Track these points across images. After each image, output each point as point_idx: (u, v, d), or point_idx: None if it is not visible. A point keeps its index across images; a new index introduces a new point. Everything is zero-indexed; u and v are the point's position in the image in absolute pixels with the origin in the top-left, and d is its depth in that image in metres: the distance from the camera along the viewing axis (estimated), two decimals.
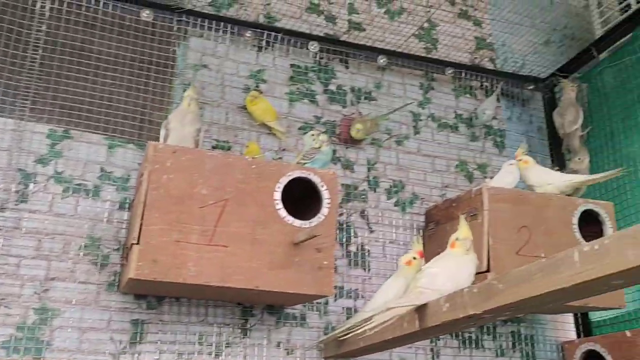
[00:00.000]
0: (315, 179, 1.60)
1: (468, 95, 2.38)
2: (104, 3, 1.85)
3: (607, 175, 1.89)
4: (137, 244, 1.39)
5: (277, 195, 1.55)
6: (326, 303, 1.86)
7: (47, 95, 1.75)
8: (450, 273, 1.32)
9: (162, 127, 1.65)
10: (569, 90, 2.27)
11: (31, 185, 1.65)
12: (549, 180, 1.87)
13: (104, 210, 1.70)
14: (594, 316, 2.11)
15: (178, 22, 1.95)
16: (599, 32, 2.43)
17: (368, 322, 1.39)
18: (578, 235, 1.82)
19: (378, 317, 1.36)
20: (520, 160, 1.95)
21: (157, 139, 1.68)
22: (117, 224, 1.70)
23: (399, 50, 2.25)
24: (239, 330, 1.73)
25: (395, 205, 2.09)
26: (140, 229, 1.40)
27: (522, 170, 1.94)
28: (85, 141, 1.75)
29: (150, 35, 1.93)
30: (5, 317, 1.52)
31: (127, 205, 1.72)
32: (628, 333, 1.67)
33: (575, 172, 1.97)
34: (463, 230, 1.37)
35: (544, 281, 0.97)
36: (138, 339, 1.62)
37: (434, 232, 1.98)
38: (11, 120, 1.69)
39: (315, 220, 1.56)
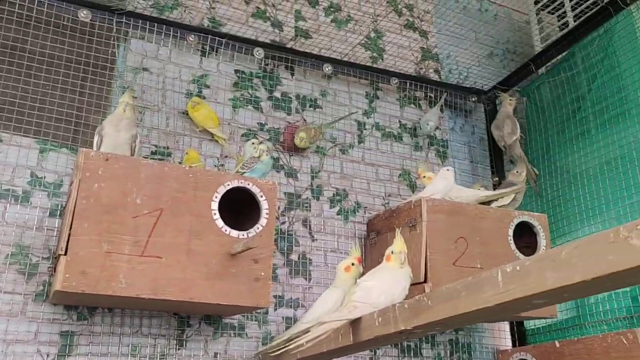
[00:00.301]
0: (255, 189, 1.58)
1: (413, 105, 2.41)
2: (39, 1, 1.78)
3: (508, 192, 1.97)
4: (65, 255, 1.34)
5: (214, 205, 1.53)
6: (266, 313, 1.84)
7: None
8: (385, 287, 1.33)
9: (96, 133, 1.59)
10: (506, 104, 2.33)
11: None
12: (452, 195, 1.90)
13: (34, 217, 1.63)
14: (529, 325, 2.17)
15: (118, 23, 1.89)
16: (538, 47, 2.51)
17: (304, 336, 1.38)
18: (513, 246, 1.87)
19: (313, 330, 1.36)
20: (424, 177, 1.99)
21: (93, 144, 1.62)
22: (47, 232, 1.63)
23: (345, 59, 2.26)
24: (175, 341, 1.69)
25: (338, 214, 2.09)
26: (68, 239, 1.35)
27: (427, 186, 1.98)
28: (15, 144, 1.68)
29: (89, 36, 1.86)
30: None
31: (58, 212, 1.66)
32: (557, 343, 1.72)
33: (513, 184, 2.02)
34: (398, 244, 1.39)
35: (469, 300, 0.98)
36: (67, 351, 1.56)
37: (376, 241, 1.99)
38: None
39: (253, 231, 1.54)
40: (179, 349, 1.69)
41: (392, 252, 1.38)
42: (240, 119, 2.05)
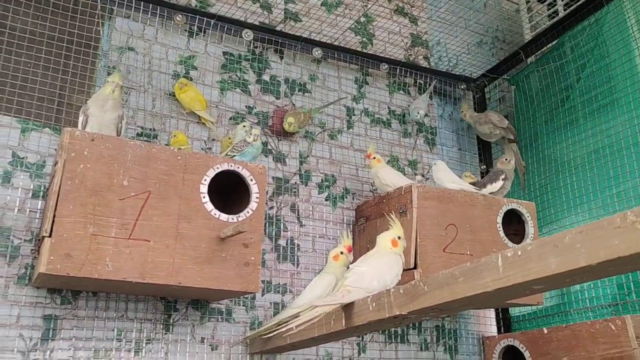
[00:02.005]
0: (245, 172, 1.55)
1: (402, 92, 2.40)
2: None
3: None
4: (49, 237, 1.30)
5: (204, 188, 1.50)
6: (253, 298, 1.82)
7: None
8: (378, 272, 1.31)
9: (81, 113, 1.55)
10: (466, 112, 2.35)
11: None
12: (396, 182, 1.89)
13: (15, 198, 1.58)
14: (514, 312, 2.18)
15: (103, 0, 1.84)
16: (528, 36, 2.50)
17: (294, 320, 1.36)
18: (502, 233, 1.87)
19: (304, 314, 1.34)
20: (374, 158, 1.97)
21: (76, 124, 1.58)
22: (30, 214, 1.59)
23: (335, 43, 2.23)
24: (162, 326, 1.66)
25: (327, 200, 2.07)
26: (52, 221, 1.30)
27: (373, 169, 1.97)
28: None
29: (72, 13, 1.80)
30: None
31: (41, 194, 1.61)
32: (545, 330, 1.73)
33: (502, 171, 2.02)
34: (400, 229, 1.38)
35: (468, 285, 0.97)
36: (50, 335, 1.52)
37: (364, 227, 1.98)
38: None
39: (243, 215, 1.52)
40: (165, 334, 1.66)
41: (398, 238, 1.37)
42: (228, 101, 2.01)
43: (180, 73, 1.94)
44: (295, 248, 1.96)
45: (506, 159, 2.06)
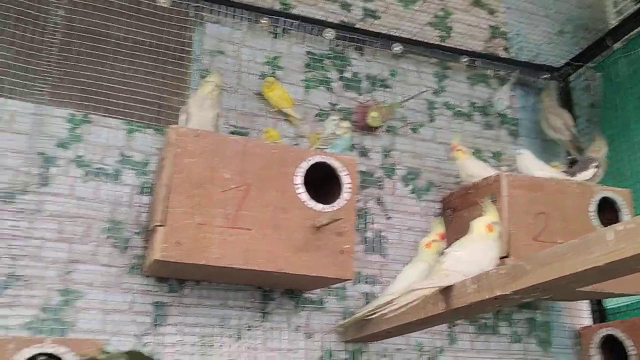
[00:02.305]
0: (336, 164, 1.61)
1: (482, 84, 2.38)
2: None
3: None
4: (162, 226, 1.39)
5: (298, 179, 1.56)
6: (343, 288, 1.87)
7: (66, 80, 1.75)
8: (474, 257, 1.33)
9: (182, 112, 1.65)
10: (546, 99, 2.30)
11: (52, 169, 1.65)
12: (482, 173, 1.87)
13: (124, 194, 1.71)
14: (609, 304, 2.12)
15: (195, 8, 1.95)
16: (612, 22, 2.43)
17: (391, 304, 1.40)
18: (596, 222, 1.83)
19: (402, 298, 1.37)
20: (459, 150, 1.96)
21: (174, 124, 1.68)
22: (137, 208, 1.71)
23: (414, 38, 2.25)
24: (259, 314, 1.74)
25: (412, 193, 2.09)
26: (165, 212, 1.40)
27: (459, 160, 1.95)
28: (105, 125, 1.76)
29: (167, 21, 1.93)
30: (30, 299, 1.52)
31: (146, 190, 1.73)
32: None
33: (593, 159, 1.97)
34: (495, 214, 1.39)
35: (576, 261, 0.98)
36: (160, 321, 1.63)
37: (452, 218, 1.98)
38: (31, 104, 1.69)
39: (336, 205, 1.57)
40: (263, 322, 1.74)
41: (493, 223, 1.39)
42: (313, 99, 2.08)
43: (267, 73, 2.03)
44: (383, 240, 1.99)
45: (597, 148, 2.01)
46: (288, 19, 2.07)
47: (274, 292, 1.78)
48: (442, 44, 2.35)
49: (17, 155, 1.63)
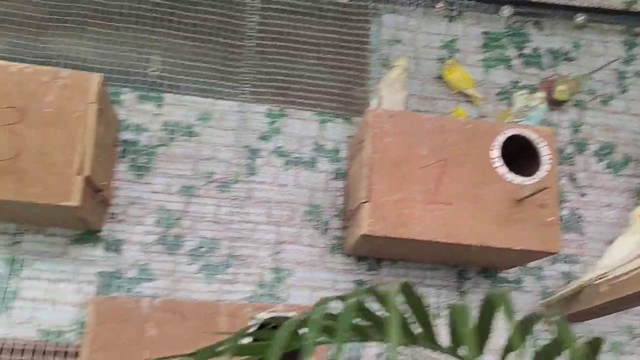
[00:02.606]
0: (533, 135, 1.57)
1: None
2: None
3: None
4: (367, 202, 1.46)
5: (495, 153, 1.55)
6: (540, 268, 1.81)
7: (264, 79, 1.91)
8: None
9: (374, 96, 1.72)
10: None
11: (257, 160, 1.81)
12: None
13: (320, 180, 1.82)
14: None
15: (373, 0, 2.02)
16: None
17: (605, 276, 1.33)
18: None
19: (618, 270, 1.30)
20: None
21: (360, 113, 1.75)
22: (333, 193, 1.80)
23: (598, 6, 2.12)
24: (456, 293, 1.74)
25: (608, 168, 1.97)
26: (367, 189, 1.47)
27: None
28: (299, 118, 1.88)
29: (347, 16, 2.02)
30: (247, 276, 1.68)
31: (340, 175, 1.82)
32: None
33: None
34: None
35: None
36: None
37: None
38: (235, 103, 1.87)
39: (536, 177, 1.53)
40: (460, 300, 1.74)
41: None
42: (493, 78, 2.04)
43: (443, 57, 2.03)
44: (579, 218, 1.89)
45: None
46: (463, 1, 2.06)
47: (470, 271, 1.77)
48: (629, 9, 2.18)
49: (227, 149, 1.81)
